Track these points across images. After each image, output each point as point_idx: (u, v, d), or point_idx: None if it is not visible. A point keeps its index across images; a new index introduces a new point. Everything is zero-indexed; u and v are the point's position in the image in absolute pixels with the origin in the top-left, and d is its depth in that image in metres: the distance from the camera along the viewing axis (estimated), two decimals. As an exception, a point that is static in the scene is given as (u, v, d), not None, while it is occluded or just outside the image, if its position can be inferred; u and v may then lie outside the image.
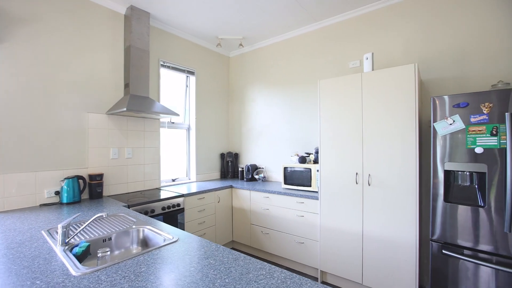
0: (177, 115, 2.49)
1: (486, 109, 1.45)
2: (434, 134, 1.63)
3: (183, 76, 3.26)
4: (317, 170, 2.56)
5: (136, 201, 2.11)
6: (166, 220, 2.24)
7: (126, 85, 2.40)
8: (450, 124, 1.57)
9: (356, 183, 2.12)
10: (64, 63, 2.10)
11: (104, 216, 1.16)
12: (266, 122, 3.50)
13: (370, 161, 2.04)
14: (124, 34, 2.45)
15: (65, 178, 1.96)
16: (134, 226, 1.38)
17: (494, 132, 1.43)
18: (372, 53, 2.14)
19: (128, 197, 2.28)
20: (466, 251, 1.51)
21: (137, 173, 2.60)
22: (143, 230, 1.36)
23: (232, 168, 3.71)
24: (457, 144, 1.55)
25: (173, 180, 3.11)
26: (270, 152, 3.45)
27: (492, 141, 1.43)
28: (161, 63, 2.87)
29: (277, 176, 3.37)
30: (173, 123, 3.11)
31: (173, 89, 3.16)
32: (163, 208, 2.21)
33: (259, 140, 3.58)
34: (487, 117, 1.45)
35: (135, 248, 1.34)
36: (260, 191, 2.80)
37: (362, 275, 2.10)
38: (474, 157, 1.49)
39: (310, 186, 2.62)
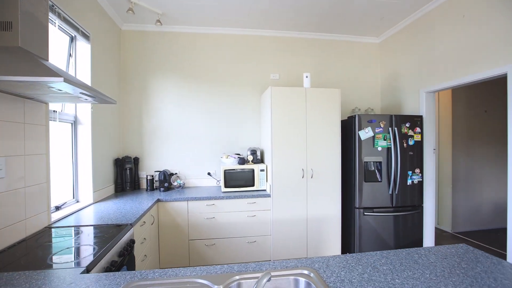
0: (114, 102, 1.60)
1: (382, 124, 2.50)
2: (358, 139, 2.50)
3: (66, 38, 2.01)
4: (261, 170, 2.75)
5: (64, 261, 1.15)
6: (130, 268, 1.41)
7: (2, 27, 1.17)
8: (366, 132, 2.49)
9: (302, 177, 2.60)
10: None
11: None
12: (180, 120, 3.04)
13: (312, 159, 2.60)
14: None
15: None
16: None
17: (385, 138, 2.51)
18: (309, 73, 2.72)
19: (9, 258, 1.16)
20: (375, 210, 2.50)
21: (13, 207, 1.32)
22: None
23: (131, 178, 2.81)
24: (370, 145, 2.50)
25: (57, 208, 1.85)
26: (186, 155, 3.05)
27: (384, 143, 2.51)
28: (50, 3, 1.62)
29: (198, 181, 3.07)
30: (54, 111, 1.84)
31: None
32: (121, 254, 1.36)
33: (170, 141, 3.03)
34: (382, 129, 2.51)
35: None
36: (203, 199, 2.48)
37: (306, 250, 2.62)
38: (377, 153, 2.51)
39: (253, 185, 2.74)
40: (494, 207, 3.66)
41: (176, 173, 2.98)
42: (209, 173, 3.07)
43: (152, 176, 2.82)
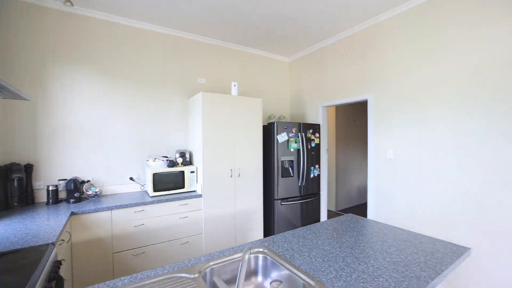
0: (28, 99, 1.33)
1: (294, 130, 3.11)
2: (277, 142, 3.01)
3: None
4: (191, 171, 2.83)
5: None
6: None
7: None
8: (283, 137, 3.04)
9: (231, 176, 2.87)
10: None
11: None
12: (94, 120, 2.69)
13: (239, 160, 2.92)
14: None
15: None
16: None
17: (296, 141, 3.13)
18: (237, 83, 3.01)
19: None
20: (289, 199, 3.08)
21: None
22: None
23: (21, 190, 2.27)
24: (285, 147, 3.06)
25: None
26: (102, 159, 2.73)
27: (296, 145, 3.13)
28: None
29: (117, 187, 2.80)
30: None
31: None
32: (51, 278, 1.19)
33: (80, 144, 2.64)
34: (294, 134, 3.12)
35: None
36: (130, 206, 2.34)
37: (235, 240, 2.91)
38: (290, 153, 3.10)
39: (184, 187, 2.78)
40: (358, 189, 5.15)
41: (89, 181, 2.60)
42: (131, 178, 2.85)
43: (56, 186, 2.36)
